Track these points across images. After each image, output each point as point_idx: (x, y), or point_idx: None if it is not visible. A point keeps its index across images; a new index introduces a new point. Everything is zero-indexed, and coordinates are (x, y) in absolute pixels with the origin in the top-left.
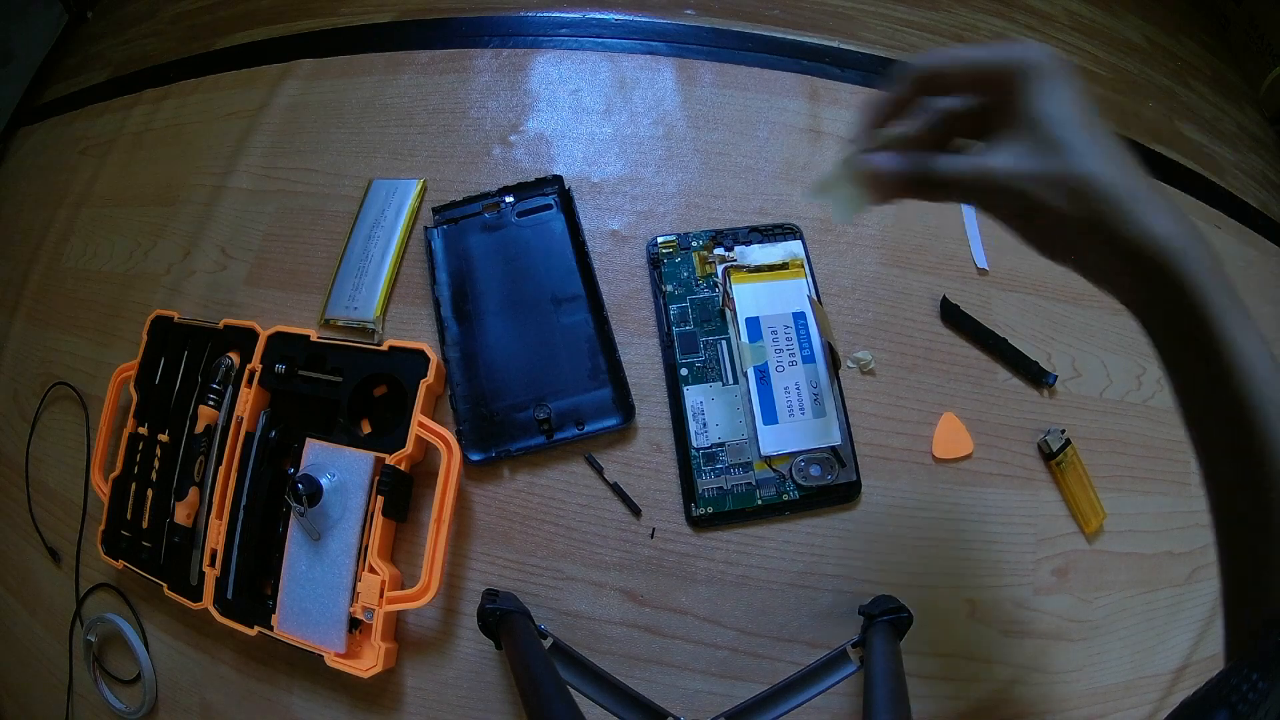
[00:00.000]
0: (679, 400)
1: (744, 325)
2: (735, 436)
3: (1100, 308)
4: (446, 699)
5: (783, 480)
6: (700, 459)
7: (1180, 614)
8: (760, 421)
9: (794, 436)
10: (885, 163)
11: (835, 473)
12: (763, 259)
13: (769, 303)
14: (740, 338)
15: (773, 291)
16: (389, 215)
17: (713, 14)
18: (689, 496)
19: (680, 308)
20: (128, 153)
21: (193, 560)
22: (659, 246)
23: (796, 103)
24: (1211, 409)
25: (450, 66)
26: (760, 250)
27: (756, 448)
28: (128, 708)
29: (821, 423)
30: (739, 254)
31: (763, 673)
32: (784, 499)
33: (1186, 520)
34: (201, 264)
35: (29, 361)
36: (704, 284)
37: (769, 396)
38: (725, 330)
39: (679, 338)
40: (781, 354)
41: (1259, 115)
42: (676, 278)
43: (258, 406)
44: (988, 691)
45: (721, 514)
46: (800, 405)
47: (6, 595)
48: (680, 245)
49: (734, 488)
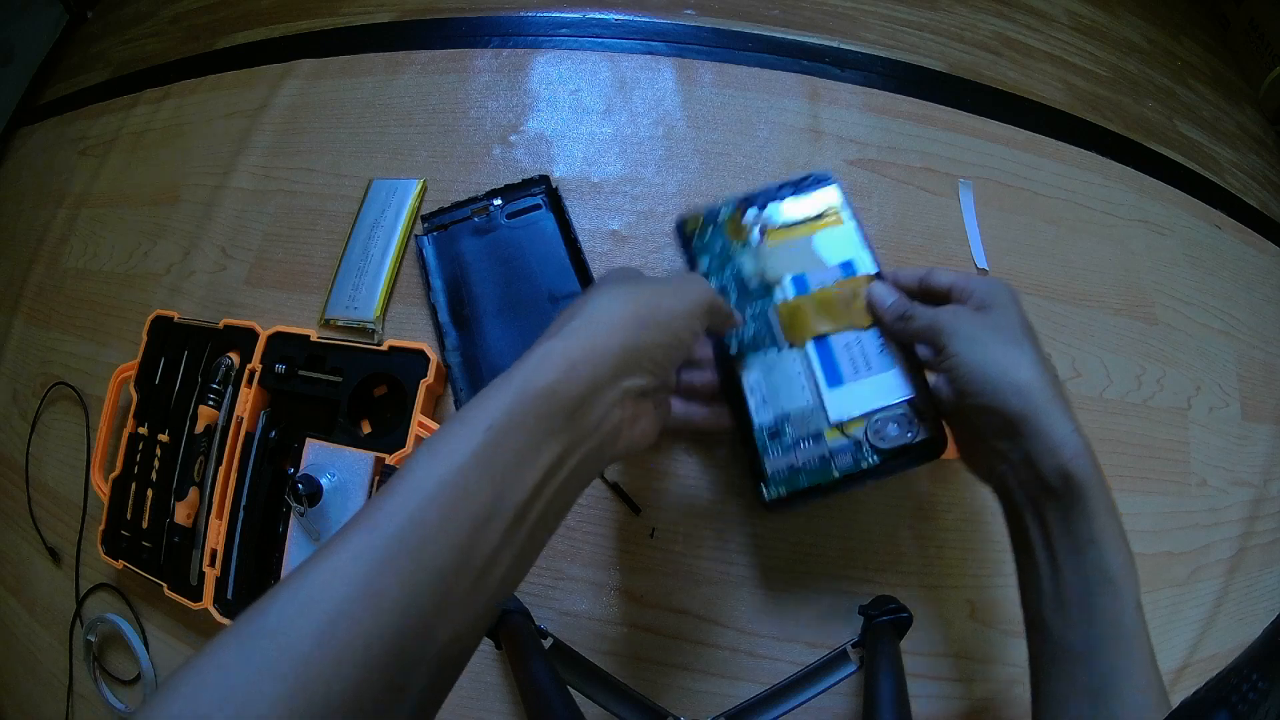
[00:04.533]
0: (733, 377)
1: (790, 285)
2: (799, 406)
3: (1100, 308)
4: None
5: (859, 446)
6: (765, 436)
7: (1180, 614)
8: (825, 385)
9: (863, 396)
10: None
11: (915, 429)
12: (799, 214)
13: (813, 258)
14: (788, 295)
15: (816, 244)
16: (389, 215)
17: (713, 14)
18: (759, 479)
19: (719, 282)
20: (128, 153)
21: (193, 560)
22: (686, 224)
23: (796, 103)
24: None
25: (450, 66)
26: (794, 204)
27: (825, 415)
28: (128, 708)
29: (890, 376)
30: (771, 213)
31: (763, 673)
32: (863, 466)
33: (1186, 520)
34: (201, 264)
35: (29, 361)
36: (741, 251)
37: (829, 356)
38: (771, 295)
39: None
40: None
41: (1259, 115)
42: (710, 251)
43: (258, 406)
44: (988, 691)
45: (798, 493)
46: (865, 361)
47: (6, 595)
48: (707, 219)
49: (806, 463)
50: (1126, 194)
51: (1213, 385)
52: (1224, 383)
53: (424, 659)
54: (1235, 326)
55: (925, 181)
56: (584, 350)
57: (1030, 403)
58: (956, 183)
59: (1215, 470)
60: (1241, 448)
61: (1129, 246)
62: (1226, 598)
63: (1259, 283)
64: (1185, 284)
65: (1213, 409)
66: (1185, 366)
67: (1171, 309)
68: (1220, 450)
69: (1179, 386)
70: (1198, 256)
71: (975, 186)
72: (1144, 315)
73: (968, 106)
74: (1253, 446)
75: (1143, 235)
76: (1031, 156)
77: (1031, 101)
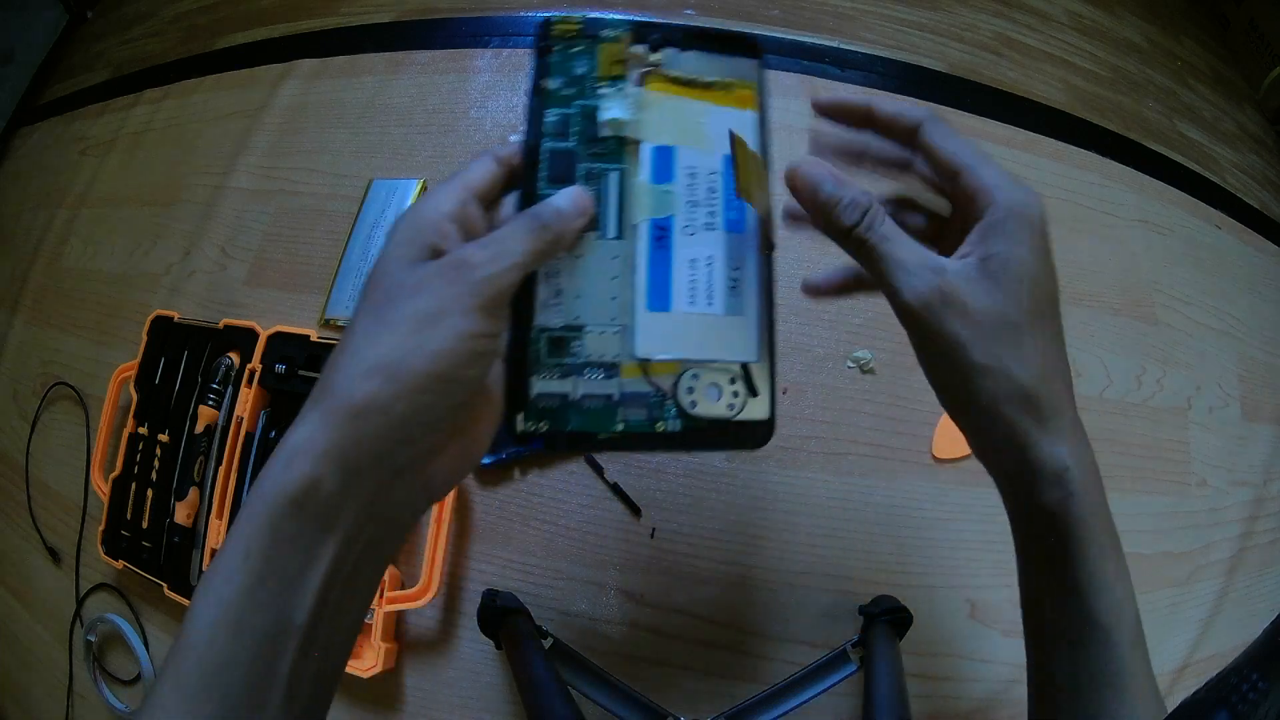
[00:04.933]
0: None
1: (649, 156)
2: (601, 320)
3: (1100, 308)
4: (446, 699)
5: (661, 400)
6: (543, 345)
7: (1180, 614)
8: (644, 304)
9: (691, 336)
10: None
11: (739, 403)
12: (699, 71)
13: (694, 132)
14: (641, 174)
15: (703, 117)
16: (389, 215)
17: (712, 14)
18: (515, 400)
19: (561, 114)
20: (128, 153)
21: (193, 560)
22: (553, 25)
23: (797, 103)
24: (1059, 611)
25: (450, 66)
26: (699, 60)
27: (632, 342)
28: (128, 708)
29: (736, 324)
30: (667, 58)
31: (763, 673)
32: (658, 428)
33: (1186, 520)
34: (201, 264)
35: (29, 361)
36: (606, 88)
37: (664, 268)
38: (620, 158)
39: (548, 156)
40: (697, 209)
41: (1259, 115)
42: (567, 72)
43: (258, 406)
44: (988, 691)
45: (561, 435)
46: (709, 292)
47: (6, 595)
48: (585, 31)
49: (585, 398)
50: (1126, 194)
51: (1213, 385)
52: (1224, 383)
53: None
54: (1235, 326)
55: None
56: (330, 440)
57: (1017, 418)
58: None
59: (1215, 470)
60: (1241, 448)
61: (1129, 246)
62: (1226, 598)
63: (1259, 283)
64: (1185, 284)
65: (1213, 409)
66: (1185, 366)
67: (1171, 309)
68: (1220, 450)
69: (1179, 386)
70: (1198, 256)
71: None
72: (1144, 315)
73: (968, 106)
74: (1253, 446)
75: (1143, 235)
76: (1031, 156)
77: (1031, 101)
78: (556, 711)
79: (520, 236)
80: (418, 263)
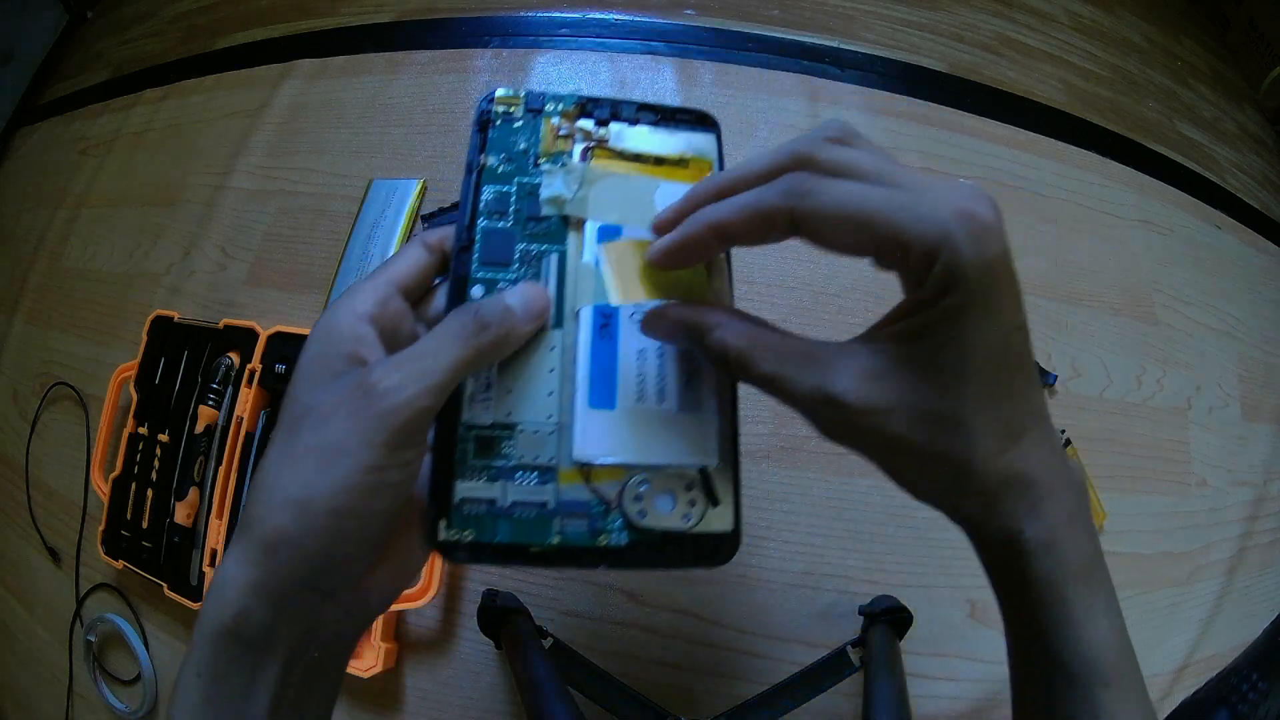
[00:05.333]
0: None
1: (594, 237)
2: (536, 418)
3: (1100, 308)
4: (446, 699)
5: (604, 510)
6: (470, 445)
7: (1180, 614)
8: (585, 400)
9: (639, 437)
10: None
11: (696, 513)
12: (649, 147)
13: (643, 210)
14: (585, 256)
15: (652, 194)
16: (389, 215)
17: (713, 14)
18: (437, 505)
19: (499, 192)
20: (128, 153)
21: (193, 560)
22: (494, 102)
23: (796, 103)
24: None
25: (450, 66)
26: (650, 135)
27: (570, 443)
28: (128, 708)
29: (692, 422)
30: (614, 133)
31: (763, 673)
32: (599, 543)
33: (1186, 520)
34: (201, 264)
35: (29, 361)
36: (549, 164)
37: (608, 360)
38: (562, 239)
39: (483, 236)
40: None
41: (1259, 115)
42: (507, 148)
43: (258, 406)
44: (988, 691)
45: (485, 547)
46: (660, 386)
47: (6, 595)
48: (529, 105)
49: (516, 506)
50: (1126, 194)
51: (1213, 385)
52: (1224, 383)
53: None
54: (1235, 326)
55: None
56: (252, 573)
57: (965, 506)
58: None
59: (1215, 470)
60: (1241, 448)
61: (1129, 246)
62: (1226, 598)
63: (1259, 283)
64: (1185, 284)
65: (1213, 409)
66: (1185, 366)
67: (1171, 309)
68: (1220, 450)
69: (1179, 386)
70: (1198, 256)
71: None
72: (1144, 315)
73: (968, 106)
74: (1253, 446)
75: (1143, 235)
76: (1031, 156)
77: (1031, 101)
78: (556, 711)
79: (446, 348)
80: (328, 381)
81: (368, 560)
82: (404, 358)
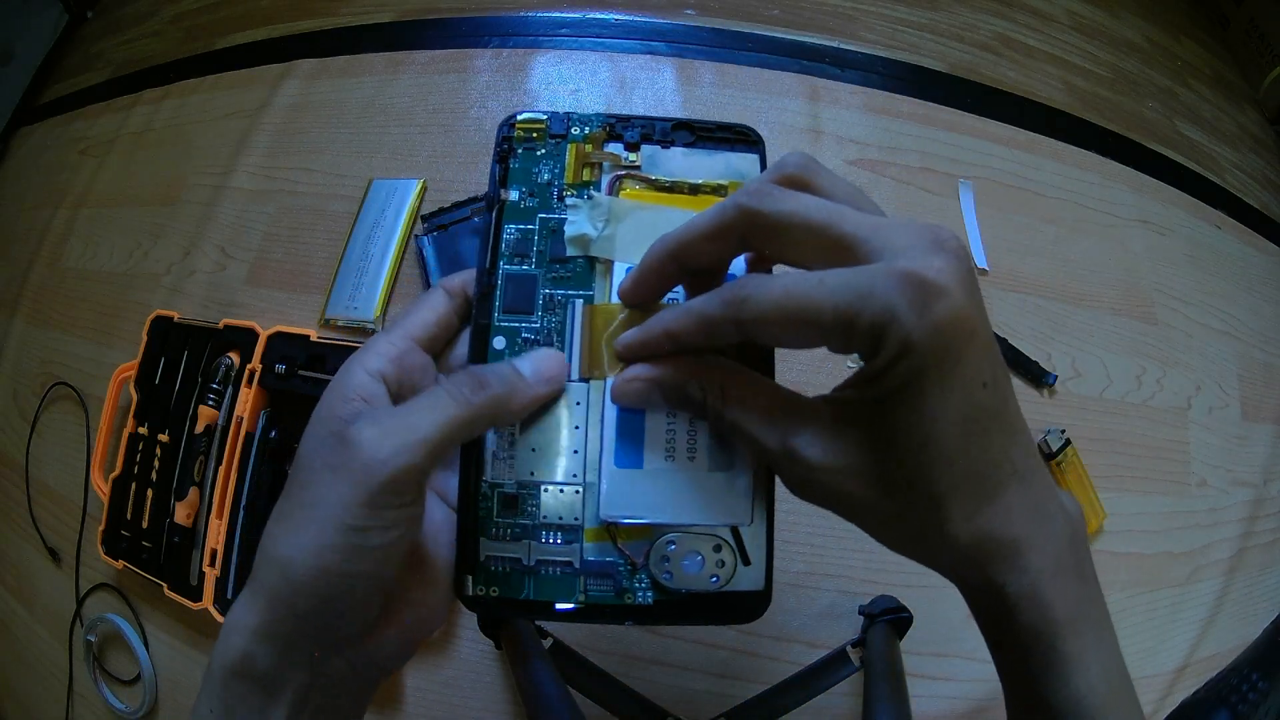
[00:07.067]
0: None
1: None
2: (561, 474)
3: (1100, 308)
4: (446, 699)
5: (631, 570)
6: (494, 503)
7: (1180, 614)
8: (612, 459)
9: (667, 496)
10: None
11: (725, 574)
12: (685, 172)
13: None
14: (613, 299)
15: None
16: (389, 215)
17: (713, 14)
18: (465, 562)
19: (522, 230)
20: (128, 153)
21: (193, 560)
22: (515, 127)
23: (796, 103)
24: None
25: (450, 66)
26: (686, 159)
27: (596, 503)
28: (128, 708)
29: (722, 481)
30: (647, 157)
31: (763, 673)
32: (626, 601)
33: (1186, 520)
34: (201, 264)
35: (29, 361)
36: (574, 197)
37: (636, 417)
38: (588, 283)
39: (506, 281)
40: None
41: (1259, 115)
42: (529, 180)
43: (258, 406)
44: (988, 691)
45: (510, 602)
46: (690, 443)
47: (6, 595)
48: (552, 131)
49: (542, 564)
50: (1126, 194)
51: (1213, 385)
52: (1224, 383)
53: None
54: (1235, 326)
55: (925, 182)
56: (259, 619)
57: (947, 568)
58: (956, 183)
59: (1215, 470)
60: (1241, 448)
61: (1129, 246)
62: (1226, 598)
63: (1259, 283)
64: (1185, 284)
65: (1213, 409)
66: (1185, 366)
67: (1171, 309)
68: (1220, 450)
69: (1179, 386)
70: (1198, 256)
71: (975, 186)
72: (1144, 315)
73: (968, 106)
74: (1253, 446)
75: (1143, 235)
76: (1031, 156)
77: (1031, 101)
78: (556, 711)
79: (438, 406)
80: (324, 437)
81: (365, 619)
82: (390, 414)
